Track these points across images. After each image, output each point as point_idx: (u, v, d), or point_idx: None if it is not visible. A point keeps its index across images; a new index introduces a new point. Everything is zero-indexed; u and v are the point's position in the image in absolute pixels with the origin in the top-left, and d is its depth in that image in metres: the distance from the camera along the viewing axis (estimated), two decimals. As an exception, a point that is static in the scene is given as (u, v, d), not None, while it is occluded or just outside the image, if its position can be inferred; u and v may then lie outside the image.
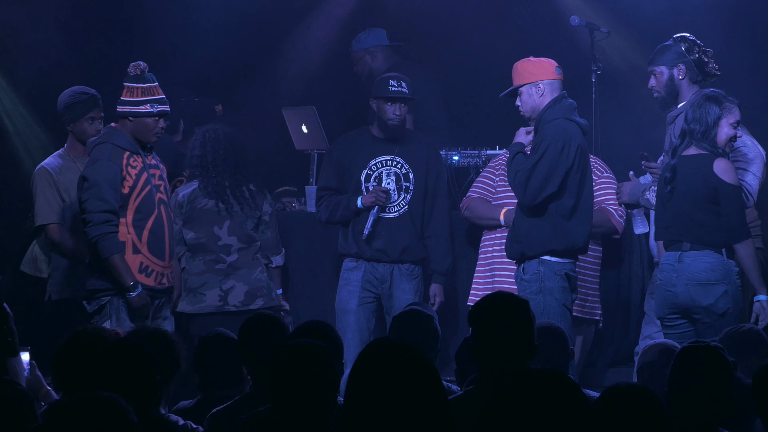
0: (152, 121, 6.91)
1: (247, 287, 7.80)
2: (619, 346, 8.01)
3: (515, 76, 6.91)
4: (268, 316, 5.57)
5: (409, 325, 5.82)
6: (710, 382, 4.38)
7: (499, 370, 4.23)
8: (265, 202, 7.92)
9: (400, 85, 7.69)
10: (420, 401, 3.16)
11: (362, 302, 7.69)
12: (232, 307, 7.75)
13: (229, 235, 7.81)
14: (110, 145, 6.84)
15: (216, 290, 7.78)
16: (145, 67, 6.95)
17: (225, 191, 7.80)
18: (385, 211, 7.72)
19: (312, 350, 4.14)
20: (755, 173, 7.34)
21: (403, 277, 7.71)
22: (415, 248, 7.75)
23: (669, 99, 6.95)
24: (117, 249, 6.78)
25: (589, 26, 8.36)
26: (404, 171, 7.80)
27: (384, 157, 7.79)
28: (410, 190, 7.78)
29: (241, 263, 7.83)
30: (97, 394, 3.54)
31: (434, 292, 7.79)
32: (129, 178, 6.86)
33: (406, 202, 7.77)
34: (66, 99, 7.38)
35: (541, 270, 6.75)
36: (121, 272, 6.78)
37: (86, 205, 6.80)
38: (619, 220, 7.70)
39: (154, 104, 6.90)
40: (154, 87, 6.93)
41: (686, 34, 6.95)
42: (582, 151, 6.81)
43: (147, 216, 6.92)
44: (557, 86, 6.87)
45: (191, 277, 7.79)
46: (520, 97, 6.89)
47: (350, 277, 7.75)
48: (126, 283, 6.77)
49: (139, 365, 4.35)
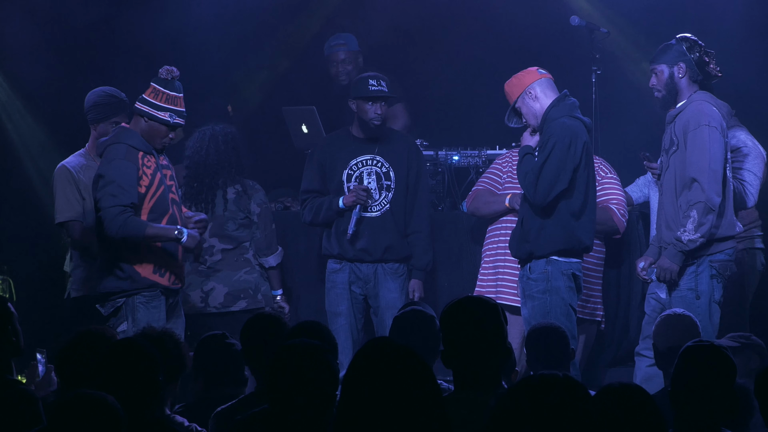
0: (165, 129, 6.87)
1: (228, 289, 7.79)
2: (619, 346, 8.02)
3: (508, 97, 6.93)
4: (269, 316, 5.56)
5: (409, 326, 5.81)
6: (715, 382, 4.36)
7: (473, 376, 4.16)
8: (252, 202, 7.90)
9: (379, 84, 7.66)
10: (415, 402, 3.15)
11: (351, 303, 7.68)
12: (213, 309, 7.76)
13: (210, 237, 7.80)
14: (124, 145, 6.80)
15: (198, 291, 7.79)
16: (177, 74, 6.87)
17: (208, 192, 7.81)
18: (367, 210, 7.70)
19: (310, 349, 4.14)
20: (756, 173, 7.35)
21: (388, 276, 7.69)
22: (399, 247, 7.71)
23: (669, 98, 6.95)
24: (143, 224, 6.71)
25: (589, 26, 8.36)
26: (384, 170, 7.76)
27: (364, 156, 7.76)
28: (391, 189, 7.74)
29: (223, 265, 7.83)
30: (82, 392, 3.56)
31: (413, 287, 7.74)
32: (145, 178, 6.83)
33: (387, 201, 7.73)
34: (94, 98, 7.30)
35: (548, 269, 6.76)
36: (162, 234, 6.75)
37: (101, 203, 6.74)
38: (621, 219, 7.70)
39: (173, 115, 6.84)
40: (179, 98, 6.86)
41: (688, 35, 6.96)
42: (587, 148, 6.83)
43: (161, 215, 6.90)
44: (546, 84, 6.88)
45: None
46: (522, 114, 6.92)
47: (336, 279, 7.73)
48: (172, 237, 6.76)
49: (141, 365, 4.35)
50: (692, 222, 6.69)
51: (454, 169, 8.31)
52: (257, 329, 5.38)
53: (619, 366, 7.91)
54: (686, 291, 6.81)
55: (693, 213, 6.68)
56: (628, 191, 8.00)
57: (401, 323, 5.92)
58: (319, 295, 8.00)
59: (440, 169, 8.39)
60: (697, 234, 6.69)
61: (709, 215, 6.69)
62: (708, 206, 6.68)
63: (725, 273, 6.83)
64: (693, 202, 6.70)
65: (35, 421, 4.57)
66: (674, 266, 6.77)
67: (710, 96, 6.89)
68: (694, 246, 6.72)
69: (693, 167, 6.74)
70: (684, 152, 6.79)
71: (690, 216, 6.69)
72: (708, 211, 6.69)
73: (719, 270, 6.80)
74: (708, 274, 6.79)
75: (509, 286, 7.42)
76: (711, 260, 6.80)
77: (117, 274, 6.80)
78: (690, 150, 6.76)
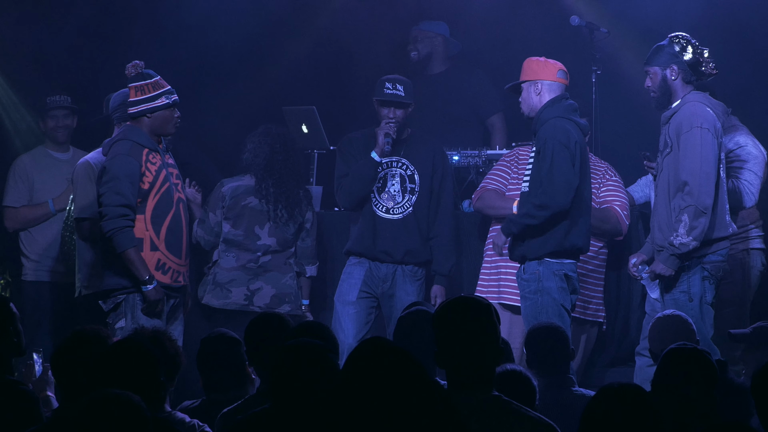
0: (169, 112, 6.93)
1: (275, 291, 7.81)
2: (619, 346, 8.02)
3: (522, 72, 6.99)
4: (273, 316, 5.55)
5: (414, 326, 5.76)
6: (694, 386, 4.37)
7: (465, 376, 4.16)
8: (309, 209, 7.94)
9: (395, 88, 7.56)
10: (409, 402, 3.16)
11: (362, 296, 7.61)
12: (256, 308, 7.74)
13: (269, 236, 7.83)
14: (129, 141, 6.84)
15: (243, 289, 7.80)
16: (142, 64, 6.94)
17: (277, 193, 7.82)
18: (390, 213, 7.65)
19: (311, 348, 4.15)
20: (756, 173, 7.35)
21: (407, 279, 7.64)
22: (420, 250, 7.67)
23: (663, 99, 6.95)
24: (132, 243, 6.77)
25: (589, 26, 8.37)
26: (409, 172, 7.72)
27: (389, 158, 7.70)
28: (416, 192, 7.70)
29: (272, 266, 7.86)
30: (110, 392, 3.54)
31: (435, 293, 7.69)
32: (149, 174, 6.86)
33: (411, 204, 7.69)
34: (122, 98, 7.27)
35: (539, 270, 6.79)
36: (137, 266, 6.77)
37: (103, 198, 6.80)
38: (624, 221, 7.70)
39: (167, 95, 6.92)
40: (159, 80, 6.94)
41: (682, 33, 6.94)
42: (582, 149, 6.84)
43: (165, 213, 6.92)
44: (557, 89, 6.91)
45: (221, 272, 7.84)
46: (521, 93, 6.96)
47: (353, 271, 7.67)
48: (141, 277, 6.76)
49: (143, 366, 4.35)
50: (684, 226, 6.68)
51: (454, 169, 8.30)
52: (261, 329, 5.37)
53: (619, 366, 7.90)
54: (678, 293, 6.80)
55: (684, 217, 6.68)
56: (630, 191, 8.01)
57: (405, 323, 5.90)
58: (330, 294, 7.97)
59: (440, 169, 8.36)
60: (689, 238, 6.68)
61: (701, 218, 6.68)
62: (699, 209, 6.67)
63: (717, 274, 6.82)
64: (684, 205, 6.70)
65: (35, 421, 4.57)
66: (668, 270, 6.77)
67: (704, 96, 6.88)
68: (687, 250, 6.72)
69: (685, 170, 6.74)
70: (677, 154, 6.79)
71: (681, 220, 6.69)
72: (699, 214, 6.68)
73: (711, 271, 6.79)
74: (700, 276, 6.78)
75: (511, 285, 7.42)
76: (703, 262, 6.79)
77: (119, 271, 6.82)
78: (682, 152, 6.76)
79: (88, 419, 3.50)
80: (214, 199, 7.89)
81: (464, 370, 4.13)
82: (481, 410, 4.01)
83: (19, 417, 4.57)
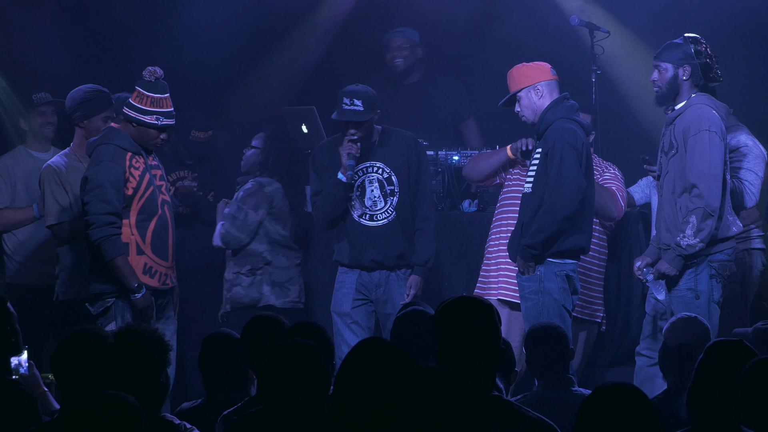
0: (154, 132, 6.87)
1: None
2: (619, 346, 8.02)
3: (511, 83, 6.95)
4: (268, 317, 5.54)
5: (411, 326, 5.77)
6: None
7: (466, 376, 4.15)
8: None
9: (353, 104, 7.30)
10: (405, 403, 3.15)
11: (356, 304, 7.52)
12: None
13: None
14: (112, 146, 6.80)
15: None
16: (160, 75, 6.84)
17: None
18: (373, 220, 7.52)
19: (303, 349, 4.15)
20: (757, 172, 7.35)
21: (401, 282, 7.54)
22: (410, 251, 7.54)
23: (668, 96, 6.94)
24: (121, 251, 6.76)
25: (589, 26, 8.36)
26: (386, 175, 7.55)
27: (363, 164, 7.52)
28: (395, 193, 7.54)
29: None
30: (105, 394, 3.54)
31: (410, 284, 7.50)
32: (132, 179, 6.83)
33: (393, 207, 7.53)
34: (81, 95, 7.27)
35: (541, 270, 6.78)
36: (126, 274, 6.76)
37: (89, 207, 6.76)
38: (620, 203, 7.65)
39: (160, 117, 6.84)
40: (164, 99, 6.85)
41: (697, 36, 6.93)
42: (587, 150, 6.85)
43: (150, 217, 6.90)
44: (554, 86, 6.92)
45: (278, 271, 7.92)
46: (519, 103, 6.94)
47: (345, 279, 7.58)
48: (131, 285, 6.75)
49: (143, 366, 4.34)
50: (691, 228, 6.69)
51: (454, 169, 8.30)
52: (258, 330, 5.36)
53: (619, 366, 7.90)
54: (685, 291, 6.81)
55: (692, 219, 6.69)
56: (630, 192, 8.01)
57: (402, 324, 5.90)
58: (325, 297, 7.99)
59: (440, 169, 8.33)
60: (696, 239, 6.70)
61: (708, 220, 6.70)
62: (707, 212, 6.68)
63: (724, 273, 6.84)
64: (692, 207, 6.71)
65: (33, 421, 4.57)
66: (673, 270, 6.78)
67: (710, 98, 6.89)
68: (693, 251, 6.74)
69: (693, 172, 6.74)
70: (684, 156, 6.79)
71: (689, 222, 6.70)
72: (707, 216, 6.69)
73: (718, 270, 6.80)
74: (707, 273, 6.79)
75: (510, 281, 7.41)
76: (710, 260, 6.81)
77: (106, 276, 6.80)
78: (690, 155, 6.77)
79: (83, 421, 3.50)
80: (256, 199, 7.88)
81: (465, 369, 4.13)
82: (481, 410, 4.01)
83: (19, 417, 4.57)
